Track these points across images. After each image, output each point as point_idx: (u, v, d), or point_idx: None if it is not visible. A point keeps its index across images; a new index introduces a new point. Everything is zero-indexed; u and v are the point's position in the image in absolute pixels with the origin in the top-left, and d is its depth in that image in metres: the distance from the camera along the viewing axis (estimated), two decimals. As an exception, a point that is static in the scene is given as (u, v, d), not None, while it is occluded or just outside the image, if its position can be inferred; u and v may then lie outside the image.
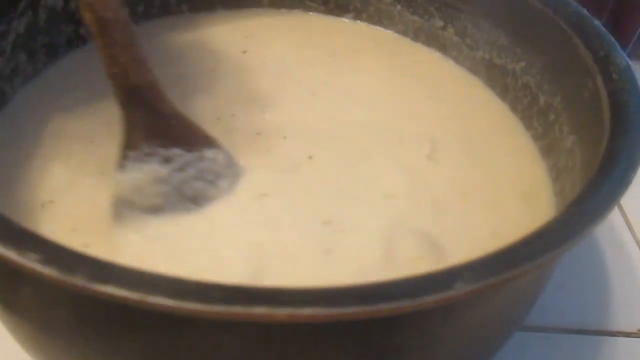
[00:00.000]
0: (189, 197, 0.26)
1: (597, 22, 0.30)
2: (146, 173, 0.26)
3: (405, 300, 0.17)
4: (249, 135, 0.31)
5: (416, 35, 0.40)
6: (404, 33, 0.41)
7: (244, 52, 0.37)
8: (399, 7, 0.40)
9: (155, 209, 0.25)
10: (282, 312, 0.16)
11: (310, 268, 0.25)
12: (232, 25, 0.40)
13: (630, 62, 0.28)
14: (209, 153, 0.27)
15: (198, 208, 0.26)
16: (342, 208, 0.27)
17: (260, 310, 0.16)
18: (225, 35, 0.39)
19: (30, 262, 0.16)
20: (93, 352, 0.20)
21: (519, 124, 0.34)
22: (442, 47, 0.39)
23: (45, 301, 0.20)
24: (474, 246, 0.26)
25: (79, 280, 0.16)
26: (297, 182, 0.29)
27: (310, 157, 0.30)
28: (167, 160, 0.26)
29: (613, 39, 0.29)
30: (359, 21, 0.42)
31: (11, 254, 0.17)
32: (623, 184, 0.21)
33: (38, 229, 0.25)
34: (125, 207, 0.25)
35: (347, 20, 0.42)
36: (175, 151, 0.26)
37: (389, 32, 0.41)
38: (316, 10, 0.42)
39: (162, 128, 0.27)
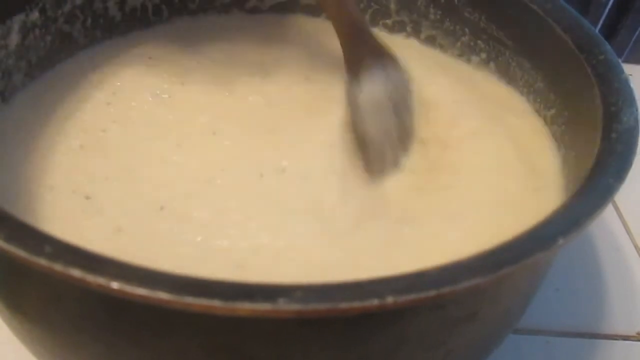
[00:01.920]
0: None
1: (624, 75, 0.29)
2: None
3: (425, 291, 0.17)
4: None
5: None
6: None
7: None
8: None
9: None
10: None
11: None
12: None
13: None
14: None
15: None
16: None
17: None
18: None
19: (35, 257, 0.17)
20: (98, 353, 0.21)
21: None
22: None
23: (50, 298, 0.21)
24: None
25: (84, 275, 0.17)
26: None
27: None
28: None
29: (630, 94, 0.28)
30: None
31: (17, 250, 0.17)
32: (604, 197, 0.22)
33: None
34: None
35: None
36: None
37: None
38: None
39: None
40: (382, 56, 0.34)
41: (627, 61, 0.58)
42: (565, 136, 0.33)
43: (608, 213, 0.41)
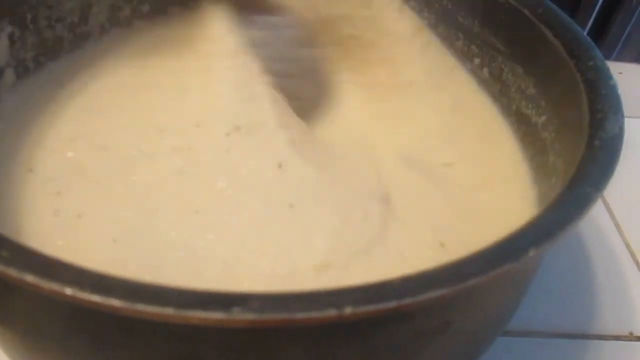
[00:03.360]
0: None
1: (612, 81, 0.29)
2: None
3: (385, 302, 0.17)
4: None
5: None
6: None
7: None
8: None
9: None
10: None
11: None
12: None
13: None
14: None
15: None
16: None
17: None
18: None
19: (18, 273, 0.17)
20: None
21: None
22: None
23: (36, 311, 0.21)
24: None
25: (71, 290, 0.16)
26: None
27: None
28: None
29: (617, 101, 0.27)
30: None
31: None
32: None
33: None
34: None
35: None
36: None
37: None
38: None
39: None
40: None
41: (617, 59, 0.58)
42: (555, 143, 0.32)
43: (599, 212, 0.41)
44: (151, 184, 0.29)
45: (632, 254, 0.39)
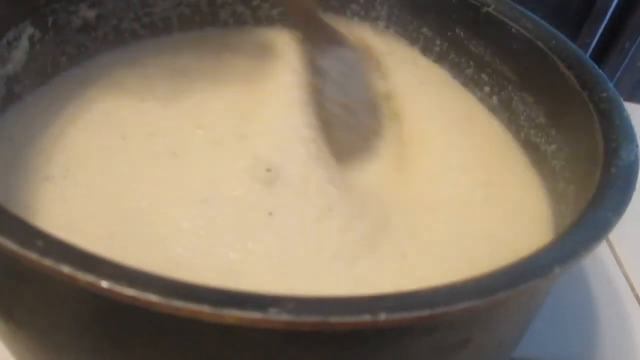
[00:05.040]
0: None
1: (625, 113, 0.29)
2: None
3: (419, 310, 0.17)
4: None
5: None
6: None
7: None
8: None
9: None
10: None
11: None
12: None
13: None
14: None
15: None
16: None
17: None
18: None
19: (26, 251, 0.17)
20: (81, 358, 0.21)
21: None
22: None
23: (38, 298, 0.20)
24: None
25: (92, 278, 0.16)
26: None
27: None
28: None
29: (631, 131, 0.28)
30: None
31: (7, 243, 0.17)
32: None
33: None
34: None
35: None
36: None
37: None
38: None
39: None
40: (337, 39, 0.35)
41: None
42: (565, 171, 0.33)
43: (600, 245, 0.42)
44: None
45: (632, 288, 0.40)
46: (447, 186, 0.33)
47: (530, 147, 0.37)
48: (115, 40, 0.39)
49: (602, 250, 0.43)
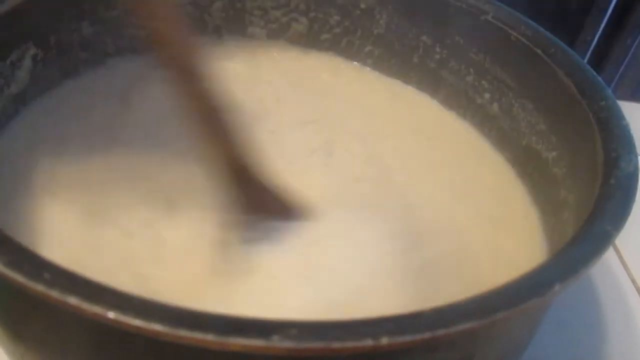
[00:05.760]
0: None
1: (624, 122, 0.29)
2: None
3: (420, 333, 0.18)
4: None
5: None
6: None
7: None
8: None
9: None
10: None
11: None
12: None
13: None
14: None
15: None
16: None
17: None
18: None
19: (33, 283, 0.17)
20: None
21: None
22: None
23: (46, 324, 0.21)
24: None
25: (99, 309, 0.17)
26: None
27: None
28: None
29: (630, 140, 0.28)
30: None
31: (16, 276, 0.17)
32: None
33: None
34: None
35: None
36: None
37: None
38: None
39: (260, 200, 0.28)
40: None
41: None
42: (567, 179, 0.33)
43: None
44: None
45: (639, 291, 0.40)
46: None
47: (530, 155, 0.37)
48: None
49: (608, 254, 0.43)
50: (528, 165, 0.37)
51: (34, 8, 0.33)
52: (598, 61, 0.71)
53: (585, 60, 0.60)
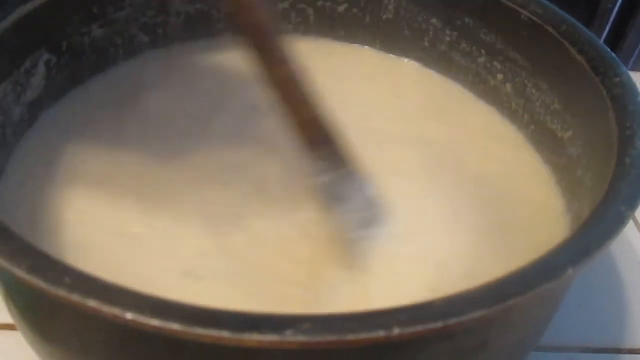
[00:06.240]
0: None
1: (637, 99, 0.29)
2: None
3: (432, 323, 0.18)
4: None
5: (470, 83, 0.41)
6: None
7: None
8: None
9: None
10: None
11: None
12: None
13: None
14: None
15: None
16: None
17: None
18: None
19: (55, 288, 0.18)
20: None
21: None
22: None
23: (69, 325, 0.22)
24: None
25: (119, 312, 0.17)
26: None
27: None
28: None
29: None
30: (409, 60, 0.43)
31: (38, 282, 0.18)
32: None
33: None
34: None
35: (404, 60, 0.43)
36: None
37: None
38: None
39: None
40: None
41: (633, 70, 0.58)
42: (583, 159, 0.32)
43: (628, 227, 0.41)
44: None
45: (661, 267, 0.40)
46: None
47: (546, 134, 0.36)
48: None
49: (629, 231, 0.42)
50: (544, 146, 0.37)
51: (45, 14, 0.33)
52: (619, 33, 0.68)
53: (605, 33, 0.59)
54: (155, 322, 0.17)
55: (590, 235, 0.22)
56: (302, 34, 0.44)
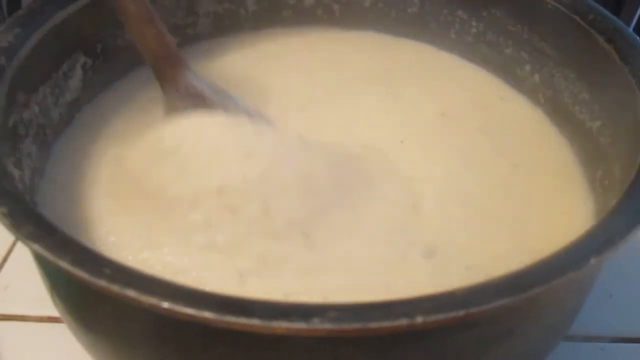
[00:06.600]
0: None
1: None
2: None
3: (454, 311, 0.18)
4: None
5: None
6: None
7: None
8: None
9: None
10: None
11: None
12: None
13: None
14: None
15: None
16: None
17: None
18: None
19: (96, 279, 0.19)
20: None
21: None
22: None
23: (109, 314, 0.23)
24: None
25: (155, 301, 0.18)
26: None
27: None
28: None
29: None
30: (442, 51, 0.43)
31: (80, 273, 0.19)
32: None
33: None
34: None
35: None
36: None
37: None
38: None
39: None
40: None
41: None
42: (611, 149, 0.32)
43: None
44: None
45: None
46: None
47: (574, 124, 0.36)
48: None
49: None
50: (574, 135, 0.36)
51: (80, 19, 0.35)
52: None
53: (634, 22, 0.57)
54: (188, 310, 0.18)
55: (615, 225, 0.22)
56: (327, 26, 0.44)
